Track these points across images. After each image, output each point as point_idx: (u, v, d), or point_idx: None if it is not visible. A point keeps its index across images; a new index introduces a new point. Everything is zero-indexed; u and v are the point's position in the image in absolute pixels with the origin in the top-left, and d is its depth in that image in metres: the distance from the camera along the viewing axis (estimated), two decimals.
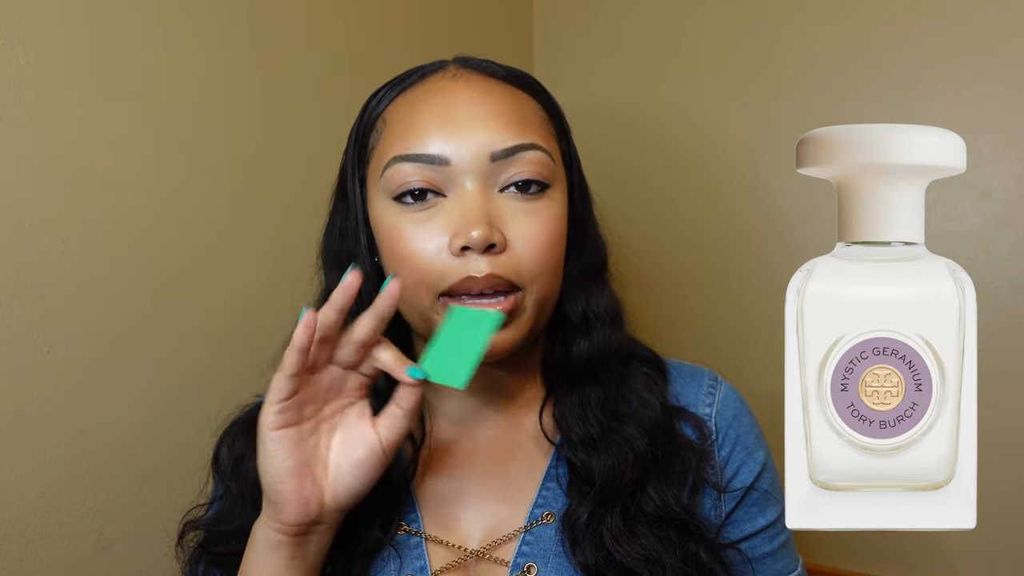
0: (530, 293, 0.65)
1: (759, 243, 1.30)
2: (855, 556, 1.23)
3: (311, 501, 0.61)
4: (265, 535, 0.62)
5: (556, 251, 0.67)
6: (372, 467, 0.62)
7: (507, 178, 0.65)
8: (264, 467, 0.60)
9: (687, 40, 1.35)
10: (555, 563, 0.68)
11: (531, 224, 0.65)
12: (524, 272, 0.65)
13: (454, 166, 0.64)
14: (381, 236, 0.68)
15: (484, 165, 0.64)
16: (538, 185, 0.66)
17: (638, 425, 0.69)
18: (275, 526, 0.61)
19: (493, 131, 0.65)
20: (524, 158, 0.65)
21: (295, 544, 0.62)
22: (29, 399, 0.83)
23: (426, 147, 0.64)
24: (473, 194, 0.64)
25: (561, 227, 0.68)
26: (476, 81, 0.68)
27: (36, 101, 0.82)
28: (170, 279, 0.95)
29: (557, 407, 0.72)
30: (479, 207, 0.63)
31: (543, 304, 0.67)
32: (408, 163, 0.65)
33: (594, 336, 0.72)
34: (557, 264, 0.68)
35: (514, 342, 0.66)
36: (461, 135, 0.64)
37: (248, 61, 1.02)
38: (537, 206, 0.66)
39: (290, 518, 0.60)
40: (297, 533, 0.61)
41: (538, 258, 0.65)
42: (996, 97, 1.10)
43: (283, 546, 0.62)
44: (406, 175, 0.65)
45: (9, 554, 0.82)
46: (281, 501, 0.60)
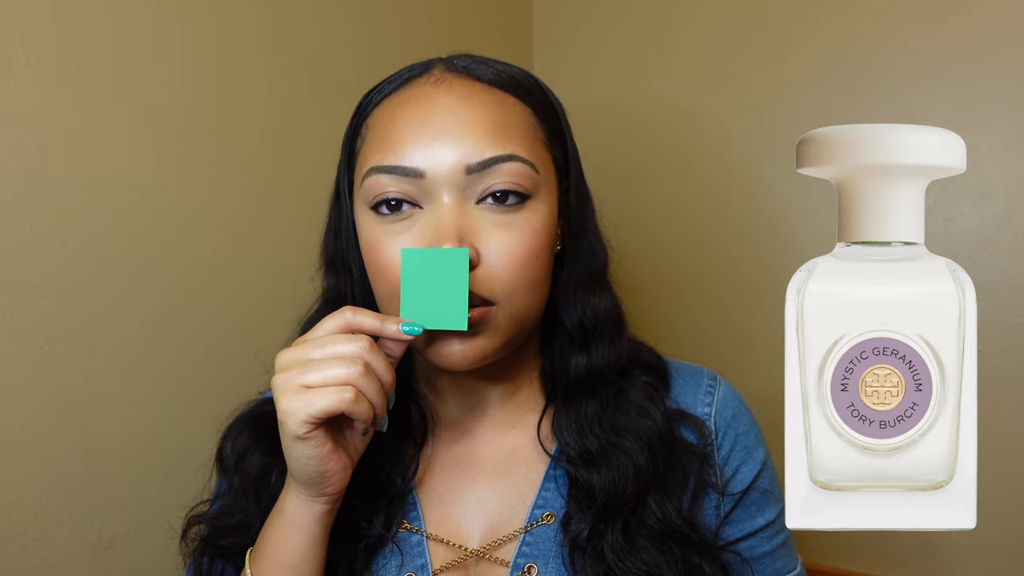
0: (504, 307, 0.64)
1: (758, 243, 1.30)
2: (855, 556, 1.23)
3: (348, 466, 0.64)
4: (308, 509, 0.64)
5: (535, 265, 0.65)
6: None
7: (484, 189, 0.63)
8: (305, 462, 0.61)
9: (687, 40, 1.35)
10: (555, 564, 0.68)
11: (506, 239, 0.64)
12: (497, 288, 0.64)
13: (429, 179, 0.63)
14: (362, 244, 0.68)
15: (459, 178, 0.63)
16: (516, 196, 0.64)
17: (638, 438, 0.69)
18: (321, 499, 0.63)
19: (469, 143, 0.63)
20: (501, 169, 0.63)
21: (335, 510, 0.65)
22: (29, 399, 0.83)
23: (402, 159, 0.64)
24: (448, 208, 0.63)
25: (541, 240, 0.66)
26: (458, 87, 0.66)
27: (36, 101, 0.82)
28: (170, 279, 0.95)
29: (555, 418, 0.72)
30: (452, 222, 0.62)
31: (520, 318, 0.66)
32: (384, 175, 0.64)
33: (592, 351, 0.71)
34: (536, 278, 0.66)
35: (485, 352, 0.65)
36: (437, 146, 0.63)
37: (251, 60, 1.02)
38: (515, 219, 0.64)
39: (337, 488, 0.63)
40: (339, 499, 0.65)
41: (512, 273, 0.64)
42: (996, 96, 1.10)
43: (325, 515, 0.64)
44: (383, 186, 0.64)
45: (9, 554, 0.82)
46: (328, 480, 0.62)
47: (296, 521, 0.64)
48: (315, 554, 0.65)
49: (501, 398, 0.74)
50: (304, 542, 0.64)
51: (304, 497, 0.63)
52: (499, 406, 0.74)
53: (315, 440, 0.59)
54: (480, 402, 0.73)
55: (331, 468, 0.61)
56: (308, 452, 0.60)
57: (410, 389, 0.75)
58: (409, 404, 0.74)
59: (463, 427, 0.74)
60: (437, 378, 0.74)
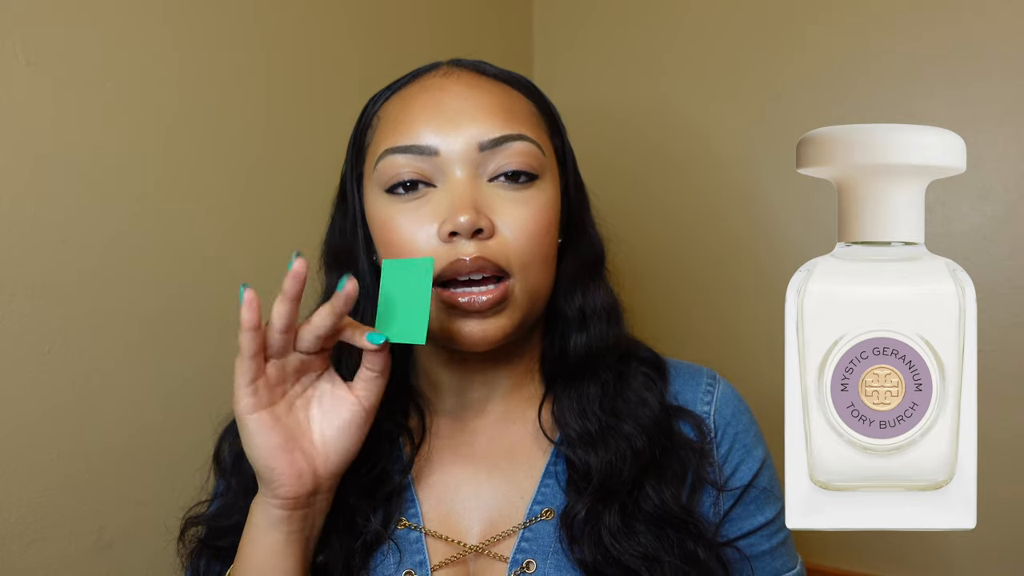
0: (520, 280, 0.66)
1: (758, 243, 1.30)
2: (855, 556, 1.23)
3: (304, 472, 0.61)
4: (265, 513, 0.63)
5: (546, 240, 0.67)
6: (357, 427, 0.63)
7: (496, 168, 0.66)
8: (250, 449, 0.61)
9: (687, 41, 1.35)
10: (554, 560, 0.68)
11: (519, 212, 0.66)
12: (513, 258, 0.65)
13: (443, 156, 0.65)
14: (375, 228, 0.69)
15: (473, 155, 0.65)
16: (526, 175, 0.67)
17: (636, 423, 0.70)
18: (274, 503, 0.62)
19: (482, 122, 0.66)
20: (512, 148, 0.66)
21: (296, 518, 0.63)
22: (29, 399, 0.83)
23: (416, 139, 0.66)
24: (461, 182, 0.65)
25: (550, 216, 0.68)
26: (467, 77, 0.70)
27: (36, 101, 0.82)
28: (170, 279, 0.95)
29: (556, 404, 0.72)
30: (467, 194, 0.64)
31: (534, 294, 0.68)
32: (399, 155, 0.66)
33: (591, 331, 0.72)
34: (547, 253, 0.68)
35: (505, 330, 0.66)
36: (450, 126, 0.66)
37: (251, 61, 1.02)
38: (526, 195, 0.67)
39: (288, 492, 0.61)
40: (296, 506, 0.62)
41: (526, 245, 0.66)
42: (996, 96, 1.10)
43: (283, 521, 0.62)
44: (397, 166, 0.66)
45: (9, 554, 0.82)
46: (275, 478, 0.61)
47: (255, 523, 0.63)
48: (278, 563, 0.63)
49: (503, 392, 0.74)
50: (263, 548, 0.63)
51: (261, 497, 0.63)
52: (500, 401, 0.74)
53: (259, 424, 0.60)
54: (481, 397, 0.74)
55: (278, 466, 0.60)
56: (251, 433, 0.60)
57: (408, 385, 0.75)
58: (407, 400, 0.75)
59: (462, 422, 0.74)
60: (436, 373, 0.74)
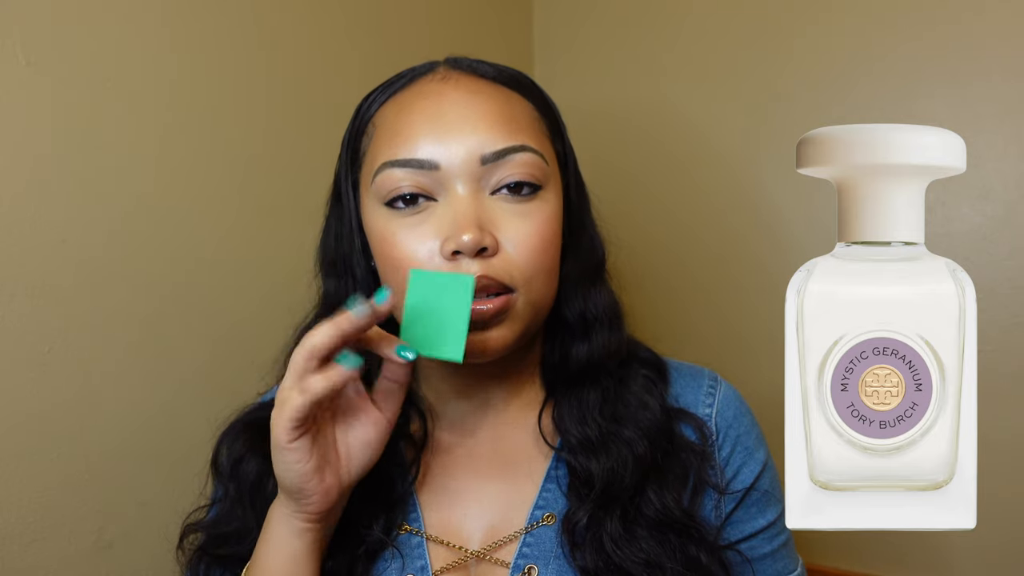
0: (523, 294, 0.65)
1: (758, 243, 1.30)
2: (855, 556, 1.23)
3: (332, 489, 0.62)
4: (287, 525, 0.63)
5: (549, 253, 0.67)
6: (380, 441, 0.64)
7: (498, 180, 0.64)
8: (287, 474, 0.60)
9: (687, 41, 1.35)
10: (556, 565, 0.68)
11: (523, 226, 0.64)
12: (516, 274, 0.64)
13: (444, 170, 0.64)
14: (374, 241, 0.68)
15: (474, 168, 0.64)
16: (530, 187, 0.65)
17: (637, 428, 0.69)
18: (301, 516, 0.62)
19: (483, 133, 0.64)
20: (515, 160, 0.64)
21: (319, 528, 0.63)
22: (29, 399, 0.83)
23: (415, 152, 0.64)
24: (464, 198, 0.63)
25: (554, 228, 0.67)
26: (465, 82, 0.67)
27: (36, 101, 0.82)
28: (170, 280, 0.95)
29: (556, 410, 0.72)
30: (470, 211, 0.63)
31: (537, 306, 0.67)
32: (398, 168, 0.64)
33: (593, 339, 0.72)
34: (551, 266, 0.67)
35: (507, 342, 0.65)
36: (450, 138, 0.64)
37: (250, 61, 1.02)
38: (529, 208, 0.65)
39: (317, 508, 0.62)
40: (321, 519, 0.63)
41: (530, 260, 0.65)
42: (996, 96, 1.10)
43: (307, 532, 0.63)
44: (396, 180, 0.64)
45: (9, 554, 0.82)
46: (307, 498, 0.61)
47: (276, 533, 0.63)
48: (298, 571, 0.63)
49: (503, 397, 0.74)
50: (284, 556, 0.63)
51: (286, 510, 0.63)
52: (501, 406, 0.74)
53: (299, 451, 0.59)
54: (482, 403, 0.73)
55: (309, 486, 0.60)
56: (289, 460, 0.59)
57: (410, 392, 0.75)
58: (409, 406, 0.74)
59: (464, 428, 0.74)
60: (438, 379, 0.74)
